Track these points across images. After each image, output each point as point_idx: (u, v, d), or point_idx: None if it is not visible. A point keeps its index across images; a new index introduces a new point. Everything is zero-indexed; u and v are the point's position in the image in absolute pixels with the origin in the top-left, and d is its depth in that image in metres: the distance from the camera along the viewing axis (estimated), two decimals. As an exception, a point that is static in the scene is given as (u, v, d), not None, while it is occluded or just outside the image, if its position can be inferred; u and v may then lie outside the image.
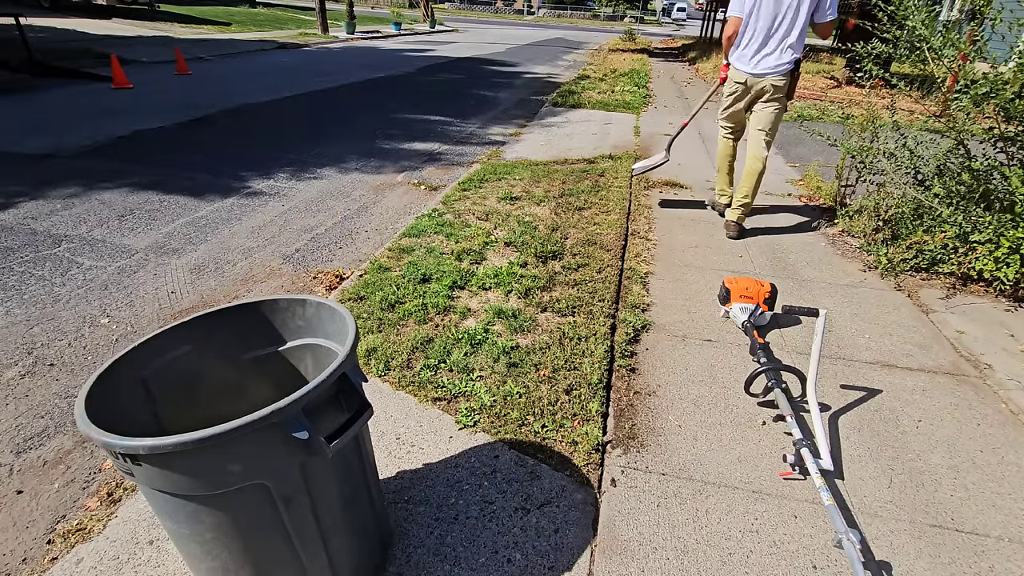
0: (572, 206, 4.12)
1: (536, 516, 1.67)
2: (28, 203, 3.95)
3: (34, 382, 2.29)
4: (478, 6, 53.65)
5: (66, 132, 5.75)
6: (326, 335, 1.38)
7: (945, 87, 3.40)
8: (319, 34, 17.97)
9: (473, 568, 1.51)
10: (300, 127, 6.61)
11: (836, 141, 3.90)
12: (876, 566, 1.56)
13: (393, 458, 1.87)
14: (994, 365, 2.50)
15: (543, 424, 2.01)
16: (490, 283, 2.98)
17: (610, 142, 6.20)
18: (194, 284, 3.10)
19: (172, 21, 18.35)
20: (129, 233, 3.63)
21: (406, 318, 2.64)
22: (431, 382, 2.21)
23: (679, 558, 1.56)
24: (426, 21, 25.91)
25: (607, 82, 10.69)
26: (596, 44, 21.91)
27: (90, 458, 1.95)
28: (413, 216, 4.02)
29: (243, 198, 4.33)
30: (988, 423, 2.14)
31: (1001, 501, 1.79)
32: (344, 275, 3.23)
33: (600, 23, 46.54)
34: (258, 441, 1.00)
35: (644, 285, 3.06)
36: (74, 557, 1.53)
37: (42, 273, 3.08)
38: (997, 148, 3.23)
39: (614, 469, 1.85)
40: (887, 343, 2.63)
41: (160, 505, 1.08)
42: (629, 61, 14.63)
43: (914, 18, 3.24)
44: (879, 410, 2.18)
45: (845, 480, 1.85)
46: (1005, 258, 2.94)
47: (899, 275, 3.28)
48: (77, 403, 1.01)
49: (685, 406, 2.16)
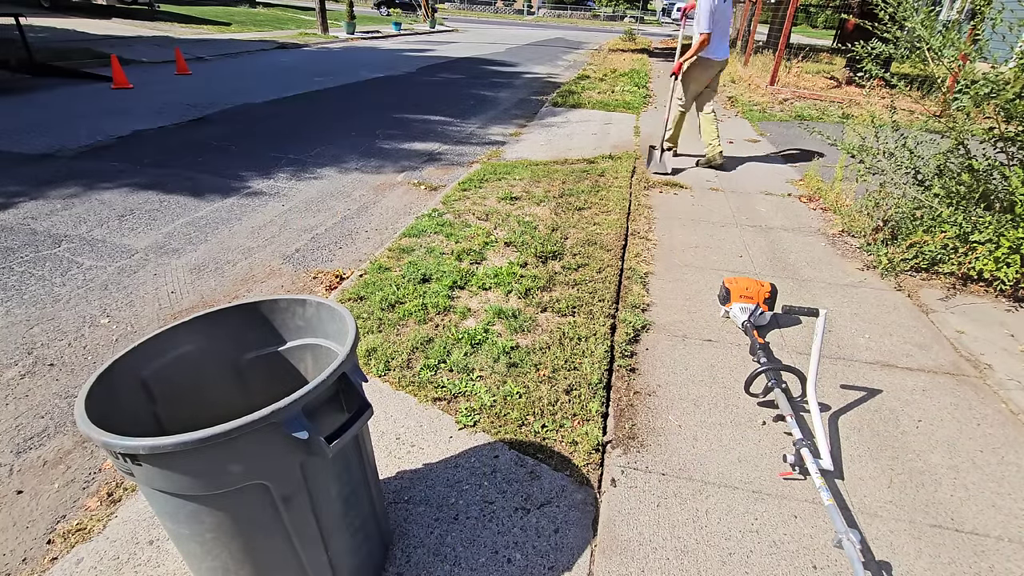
0: (572, 206, 4.12)
1: (536, 516, 1.67)
2: (28, 203, 3.95)
3: (34, 382, 2.29)
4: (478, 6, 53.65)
5: (66, 132, 5.75)
6: (326, 335, 1.38)
7: (945, 87, 3.40)
8: (319, 34, 17.96)
9: (473, 568, 1.51)
10: (300, 127, 6.61)
11: (836, 141, 3.90)
12: (876, 566, 1.56)
13: (393, 458, 1.87)
14: (994, 365, 2.50)
15: (543, 424, 2.01)
16: (490, 283, 2.98)
17: (610, 142, 6.20)
18: (194, 284, 3.10)
19: (172, 21, 18.35)
20: (129, 233, 3.63)
21: (406, 318, 2.64)
22: (431, 382, 2.21)
23: (679, 558, 1.56)
24: (426, 21, 25.92)
25: (607, 82, 10.69)
26: (596, 44, 21.90)
27: (90, 458, 1.95)
28: (413, 216, 4.02)
29: (243, 198, 4.33)
30: (988, 423, 2.14)
31: (1001, 501, 1.79)
32: (344, 275, 3.23)
33: (600, 23, 46.53)
34: (258, 441, 1.00)
35: (644, 285, 3.06)
36: (74, 557, 1.53)
37: (42, 273, 3.08)
38: (997, 148, 3.23)
39: (614, 469, 1.85)
40: (887, 343, 2.63)
41: (160, 505, 1.08)
42: (629, 61, 14.63)
43: (914, 18, 3.24)
44: (879, 410, 2.18)
45: (845, 480, 1.85)
46: (1005, 258, 2.94)
47: (899, 275, 3.28)
48: (77, 403, 1.01)
49: (685, 406, 2.16)
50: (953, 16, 3.40)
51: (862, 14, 8.80)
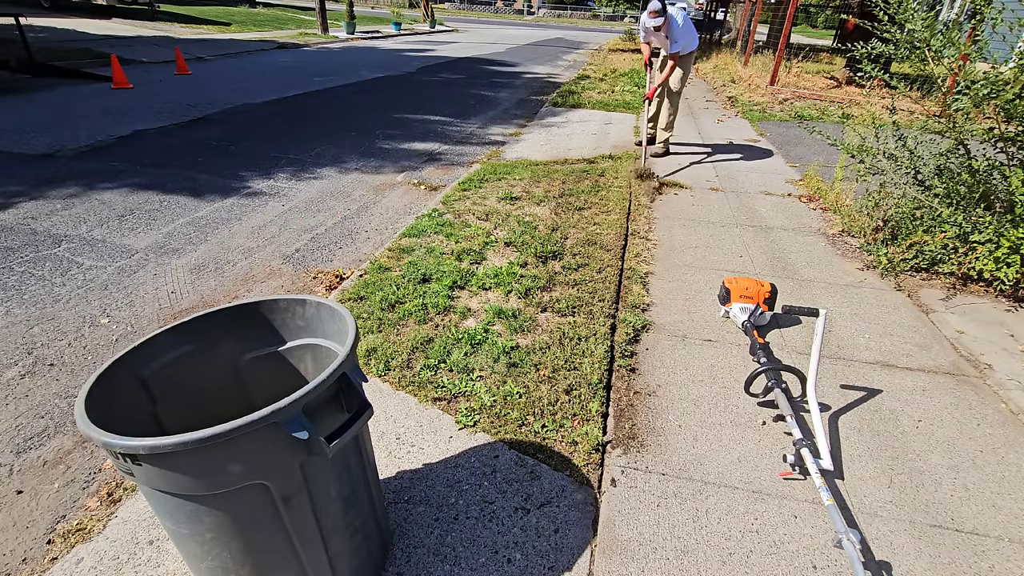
0: (572, 206, 4.12)
1: (536, 516, 1.67)
2: (28, 203, 3.95)
3: (34, 382, 2.29)
4: (478, 6, 53.64)
5: (66, 132, 5.75)
6: (326, 335, 1.38)
7: (945, 87, 3.40)
8: (319, 34, 17.96)
9: (473, 568, 1.51)
10: (300, 127, 6.61)
11: (836, 141, 3.90)
12: (876, 566, 1.56)
13: (393, 458, 1.87)
14: (994, 365, 2.50)
15: (543, 424, 2.01)
16: (490, 283, 2.98)
17: (610, 142, 6.20)
18: (194, 284, 3.10)
19: (172, 21, 18.35)
20: (129, 233, 3.63)
21: (406, 318, 2.64)
22: (431, 382, 2.21)
23: (679, 558, 1.56)
24: (426, 21, 25.91)
25: (607, 82, 10.69)
26: (596, 44, 21.90)
27: (90, 458, 1.95)
28: (413, 216, 4.02)
29: (243, 198, 4.33)
30: (988, 423, 2.14)
31: (1001, 501, 1.79)
32: (344, 275, 3.23)
33: (600, 23, 46.52)
34: (258, 441, 1.00)
35: (644, 285, 3.06)
36: (74, 557, 1.53)
37: (42, 273, 3.08)
38: (997, 148, 3.23)
39: (614, 469, 1.85)
40: (887, 343, 2.63)
41: (160, 505, 1.08)
42: (629, 61, 14.62)
43: (914, 20, 3.24)
44: (879, 410, 2.18)
45: (845, 480, 1.85)
46: (1005, 258, 2.94)
47: (899, 275, 3.28)
48: (77, 403, 1.01)
49: (685, 406, 2.16)
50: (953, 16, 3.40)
51: (862, 14, 8.79)
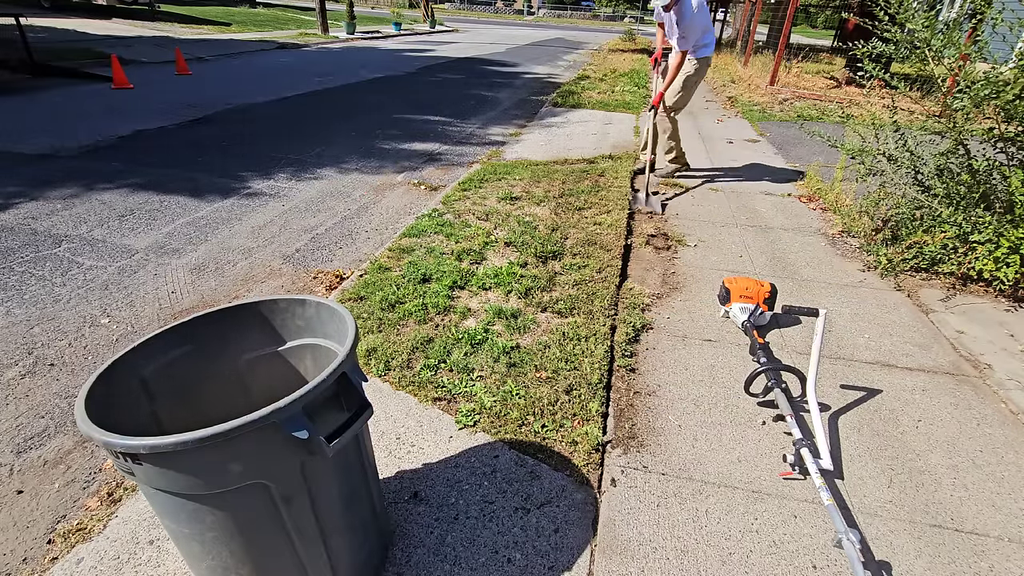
0: (572, 206, 4.12)
1: (536, 516, 1.67)
2: (28, 203, 3.95)
3: (34, 382, 2.29)
4: (478, 6, 53.65)
5: (66, 132, 5.75)
6: (326, 335, 1.38)
7: (945, 87, 3.40)
8: (319, 34, 17.96)
9: (473, 568, 1.51)
10: (300, 127, 6.61)
11: (836, 142, 3.90)
12: (876, 566, 1.56)
13: (393, 458, 1.87)
14: (994, 365, 2.50)
15: (543, 424, 2.01)
16: (490, 283, 2.98)
17: (610, 142, 6.20)
18: (194, 284, 3.10)
19: (172, 21, 18.35)
20: (129, 233, 3.63)
21: (406, 318, 2.64)
22: (431, 382, 2.21)
23: (679, 558, 1.56)
24: (426, 21, 25.91)
25: (607, 82, 10.69)
26: (596, 44, 21.90)
27: (90, 458, 1.95)
28: (413, 216, 4.02)
29: (243, 198, 4.33)
30: (988, 423, 2.14)
31: (1001, 501, 1.79)
32: (344, 275, 3.23)
33: (600, 23, 46.53)
34: (258, 441, 1.00)
35: (644, 285, 3.06)
36: (74, 557, 1.53)
37: (42, 273, 3.08)
38: (997, 148, 3.23)
39: (614, 469, 1.85)
40: (887, 343, 2.63)
41: (160, 505, 1.08)
42: (629, 61, 14.62)
43: (914, 20, 3.24)
44: (879, 410, 2.18)
45: (845, 480, 1.85)
46: (1005, 258, 2.94)
47: (899, 275, 3.28)
48: (77, 403, 1.01)
49: (685, 406, 2.17)
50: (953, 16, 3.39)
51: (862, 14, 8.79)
